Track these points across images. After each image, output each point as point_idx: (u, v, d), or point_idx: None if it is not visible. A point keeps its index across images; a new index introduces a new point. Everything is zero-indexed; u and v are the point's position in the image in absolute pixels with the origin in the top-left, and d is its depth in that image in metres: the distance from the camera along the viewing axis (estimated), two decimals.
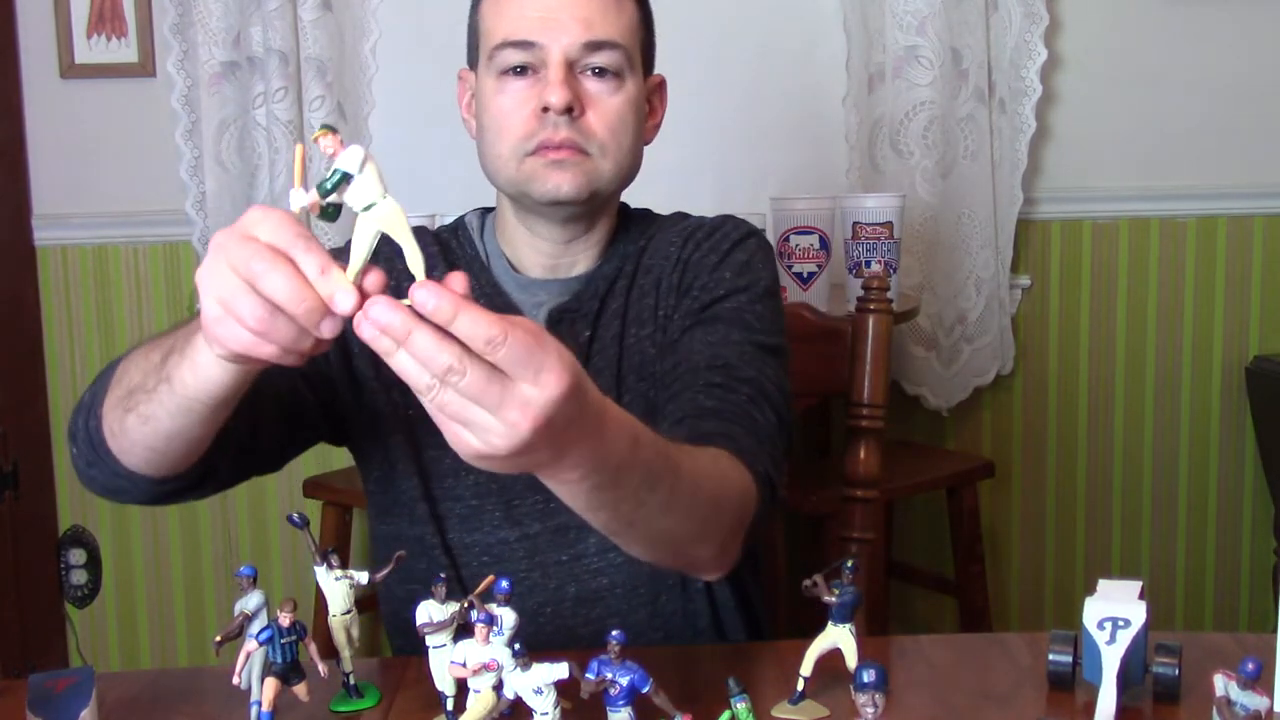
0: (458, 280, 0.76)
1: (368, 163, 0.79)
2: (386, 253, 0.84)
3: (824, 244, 2.38)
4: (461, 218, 1.39)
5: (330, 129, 0.79)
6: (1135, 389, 2.90)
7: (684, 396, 1.20)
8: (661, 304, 1.31)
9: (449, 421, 0.77)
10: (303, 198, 0.80)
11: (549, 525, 1.28)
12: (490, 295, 1.31)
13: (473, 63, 1.33)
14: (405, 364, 0.75)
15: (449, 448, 1.34)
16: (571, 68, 1.24)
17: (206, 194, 2.75)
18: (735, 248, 1.32)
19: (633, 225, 1.37)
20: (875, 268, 2.36)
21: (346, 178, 0.78)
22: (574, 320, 1.29)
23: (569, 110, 1.23)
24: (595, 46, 1.24)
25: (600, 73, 1.25)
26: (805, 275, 2.37)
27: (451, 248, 1.35)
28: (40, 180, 2.85)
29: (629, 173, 1.30)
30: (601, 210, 1.32)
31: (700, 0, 2.76)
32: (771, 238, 2.33)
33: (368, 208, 0.79)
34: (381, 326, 0.74)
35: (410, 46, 2.77)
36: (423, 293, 0.74)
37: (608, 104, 1.26)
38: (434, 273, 0.76)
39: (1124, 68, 2.82)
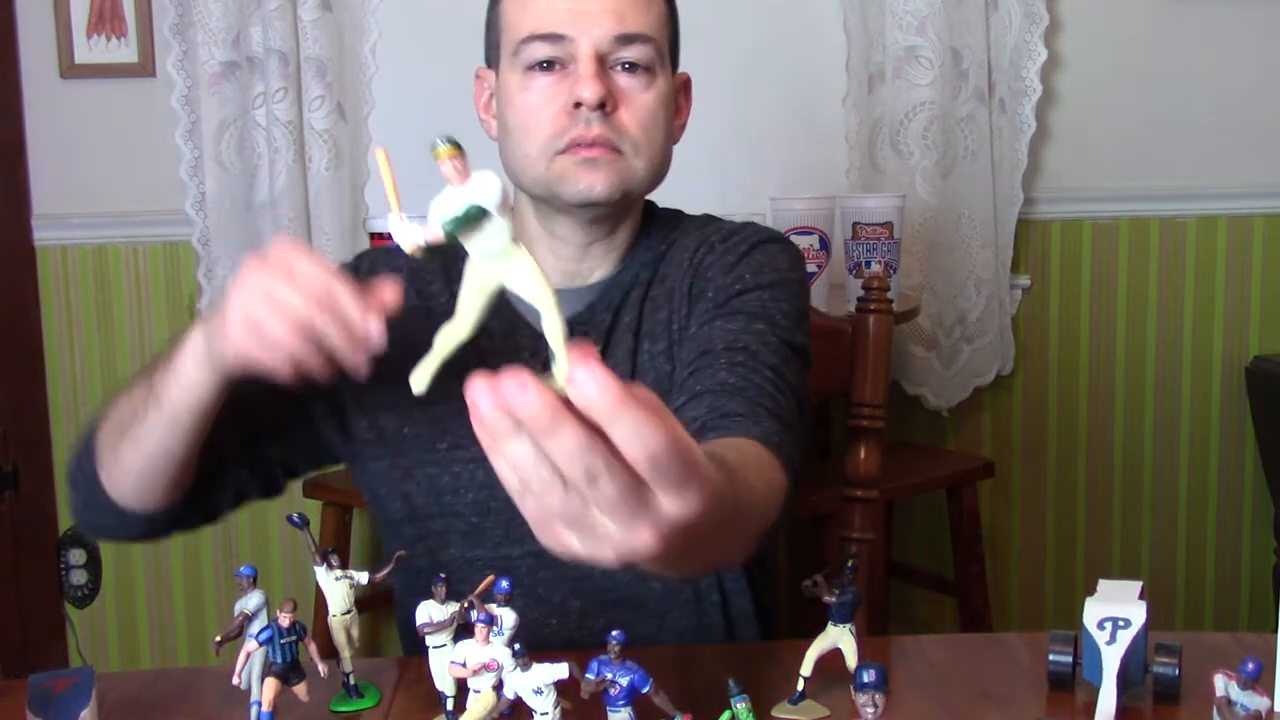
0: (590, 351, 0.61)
1: (505, 200, 0.61)
2: (367, 266, 0.83)
3: (824, 244, 2.38)
4: None
5: (455, 145, 0.62)
6: (1135, 389, 2.90)
7: (704, 372, 1.15)
8: (675, 316, 1.26)
9: (556, 523, 0.63)
10: (415, 234, 0.63)
11: None
12: (500, 307, 1.29)
13: (492, 60, 1.27)
14: (521, 458, 0.60)
15: (446, 464, 1.33)
16: (602, 62, 1.19)
17: (206, 194, 2.75)
18: (754, 249, 1.27)
19: (655, 229, 1.32)
20: (875, 268, 2.36)
21: (481, 214, 0.62)
22: (585, 332, 1.24)
23: (601, 106, 1.18)
24: (627, 40, 1.19)
25: (631, 68, 1.20)
26: None
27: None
28: (40, 180, 2.84)
29: (660, 173, 1.25)
30: (626, 212, 1.28)
31: (700, 1, 2.75)
32: None
33: (490, 254, 0.63)
34: (517, 412, 0.58)
35: (410, 46, 2.76)
36: (585, 377, 0.59)
37: (640, 100, 1.21)
38: (437, 284, 0.71)
39: (1124, 68, 2.81)
